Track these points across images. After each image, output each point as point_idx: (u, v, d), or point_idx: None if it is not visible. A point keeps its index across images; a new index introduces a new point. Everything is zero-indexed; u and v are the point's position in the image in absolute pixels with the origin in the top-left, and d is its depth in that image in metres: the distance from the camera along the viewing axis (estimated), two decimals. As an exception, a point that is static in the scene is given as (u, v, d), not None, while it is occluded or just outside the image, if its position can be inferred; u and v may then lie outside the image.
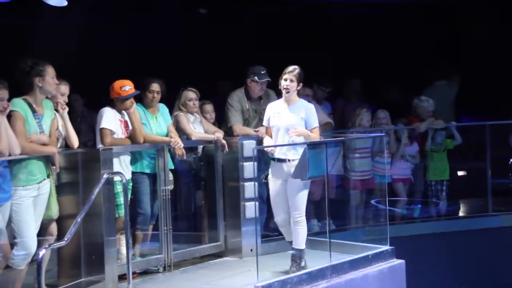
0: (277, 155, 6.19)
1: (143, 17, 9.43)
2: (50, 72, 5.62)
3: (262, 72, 7.22)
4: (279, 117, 6.26)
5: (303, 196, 6.20)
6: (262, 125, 6.69)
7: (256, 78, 7.24)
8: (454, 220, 9.19)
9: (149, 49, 9.24)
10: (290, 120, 6.23)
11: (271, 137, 6.35)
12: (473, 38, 10.65)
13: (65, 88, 6.00)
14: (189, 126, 7.02)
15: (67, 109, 5.95)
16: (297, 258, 6.24)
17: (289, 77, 6.23)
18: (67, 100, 6.01)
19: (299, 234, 6.23)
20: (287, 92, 6.24)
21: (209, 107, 7.40)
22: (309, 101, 8.16)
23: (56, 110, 5.89)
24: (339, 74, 9.45)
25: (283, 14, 10.45)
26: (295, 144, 6.18)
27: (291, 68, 6.27)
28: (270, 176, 6.28)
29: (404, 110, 9.26)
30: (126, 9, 9.31)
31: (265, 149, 6.24)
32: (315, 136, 6.30)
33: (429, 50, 10.70)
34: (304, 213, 6.22)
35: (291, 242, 6.30)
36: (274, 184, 6.26)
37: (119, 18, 9.24)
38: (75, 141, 5.92)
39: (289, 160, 6.17)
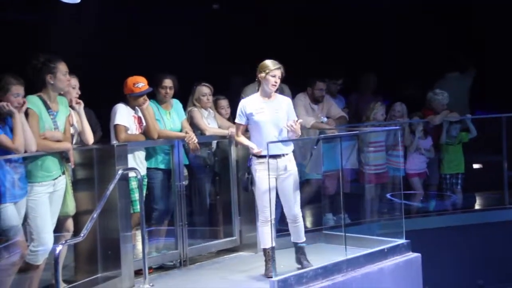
0: (272, 152, 5.86)
1: (153, 13, 9.45)
2: (61, 69, 5.61)
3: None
4: (263, 113, 6.00)
5: (298, 192, 6.12)
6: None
7: (270, 72, 7.21)
8: (470, 213, 9.13)
9: (159, 46, 9.25)
10: (277, 114, 6.03)
11: (243, 135, 6.11)
12: (488, 32, 10.58)
13: (74, 81, 6.01)
14: (203, 122, 7.02)
15: (82, 104, 5.95)
16: (304, 251, 6.19)
17: (278, 74, 6.05)
18: (79, 92, 6.01)
19: (300, 229, 6.17)
20: (276, 89, 6.08)
21: (224, 103, 7.40)
22: (323, 95, 8.22)
23: (71, 106, 5.91)
24: (354, 69, 9.43)
25: (295, 9, 10.43)
26: (290, 140, 6.01)
27: (276, 64, 6.05)
28: (258, 174, 5.94)
29: (419, 104, 9.22)
30: (136, 6, 9.32)
31: (255, 151, 5.93)
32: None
33: (443, 44, 10.64)
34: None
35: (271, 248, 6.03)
36: (266, 180, 5.89)
37: (128, 14, 9.26)
38: (90, 137, 5.93)
39: (283, 155, 5.99)
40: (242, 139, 6.15)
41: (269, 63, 6.08)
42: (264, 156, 5.90)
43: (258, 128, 6.03)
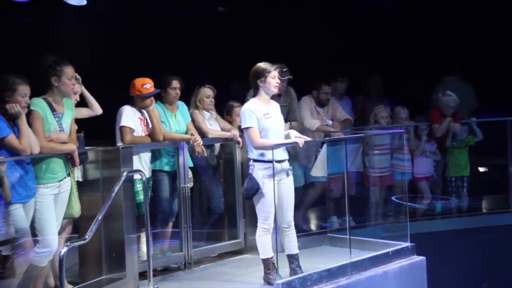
0: (278, 156, 5.77)
1: (155, 16, 9.48)
2: (67, 73, 5.60)
3: (284, 70, 7.14)
4: (270, 118, 5.82)
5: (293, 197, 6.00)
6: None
7: (278, 75, 7.20)
8: (475, 216, 9.11)
9: (161, 48, 9.27)
10: (280, 118, 5.94)
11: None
12: (494, 33, 10.57)
13: (78, 87, 6.17)
14: (205, 124, 7.03)
15: (79, 81, 6.16)
16: (298, 262, 6.01)
17: (276, 74, 5.83)
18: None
19: (294, 237, 5.99)
20: (278, 92, 5.95)
21: (239, 110, 7.35)
22: (328, 99, 8.22)
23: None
24: (359, 71, 9.42)
25: (298, 12, 10.44)
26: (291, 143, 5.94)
27: (272, 65, 5.83)
28: (264, 180, 5.75)
29: (424, 107, 9.20)
30: (140, 8, 9.35)
31: (302, 143, 5.76)
32: None
33: (449, 46, 10.63)
34: None
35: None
36: (277, 185, 5.79)
37: (133, 16, 9.27)
38: (98, 108, 6.31)
39: (285, 160, 5.88)
40: (270, 140, 5.76)
41: (265, 65, 5.84)
42: (270, 161, 5.75)
43: (266, 134, 5.81)
